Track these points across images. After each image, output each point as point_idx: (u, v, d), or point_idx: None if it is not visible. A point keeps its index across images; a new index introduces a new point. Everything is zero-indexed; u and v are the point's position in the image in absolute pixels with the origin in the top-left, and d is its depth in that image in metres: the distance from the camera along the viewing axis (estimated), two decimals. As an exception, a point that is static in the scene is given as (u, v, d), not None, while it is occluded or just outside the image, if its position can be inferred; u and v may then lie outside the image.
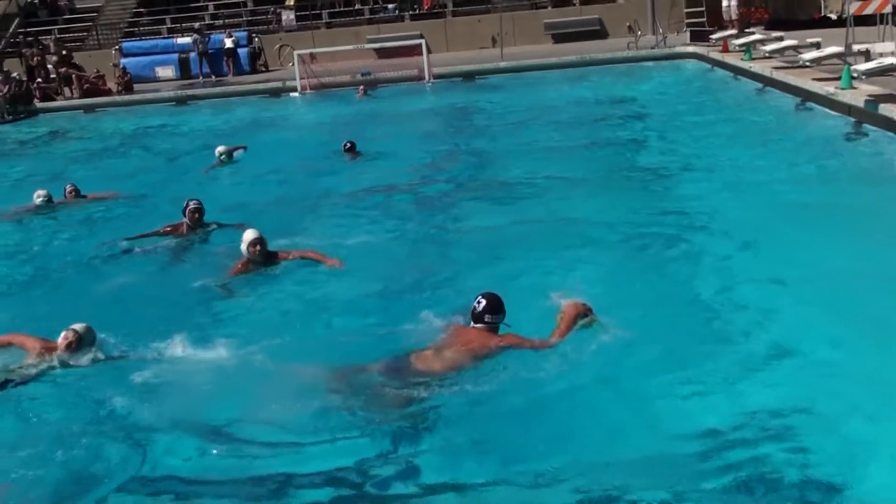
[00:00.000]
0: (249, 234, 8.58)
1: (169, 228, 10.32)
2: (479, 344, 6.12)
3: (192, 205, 10.25)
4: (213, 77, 29.83)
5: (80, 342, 6.74)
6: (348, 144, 14.98)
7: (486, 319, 6.21)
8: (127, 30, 34.35)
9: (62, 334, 6.77)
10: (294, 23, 32.80)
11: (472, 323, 6.26)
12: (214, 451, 5.46)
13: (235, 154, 15.59)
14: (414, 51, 26.07)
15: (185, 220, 10.24)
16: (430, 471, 5.06)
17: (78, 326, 6.84)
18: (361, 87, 24.33)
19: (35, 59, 28.78)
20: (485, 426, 5.49)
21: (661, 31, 26.44)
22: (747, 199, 10.19)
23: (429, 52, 25.92)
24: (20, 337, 7.05)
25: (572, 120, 17.20)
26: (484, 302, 6.23)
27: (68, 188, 13.19)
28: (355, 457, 5.22)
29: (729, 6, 25.60)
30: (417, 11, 32.62)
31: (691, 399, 5.64)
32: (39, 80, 28.16)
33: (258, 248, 8.50)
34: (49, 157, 19.37)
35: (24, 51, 29.86)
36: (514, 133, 16.53)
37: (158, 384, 6.24)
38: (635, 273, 8.02)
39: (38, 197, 12.67)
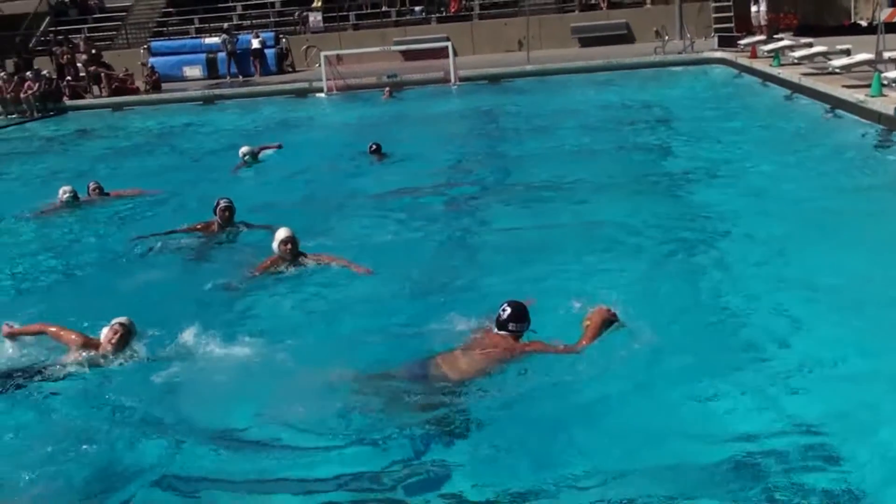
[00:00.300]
0: (282, 233, 8.60)
1: (200, 226, 10.40)
2: (504, 348, 6.11)
3: (222, 203, 10.31)
4: (241, 77, 30.00)
5: (128, 336, 6.67)
6: (374, 146, 15.00)
7: (509, 328, 6.22)
8: (156, 29, 34.63)
9: (109, 328, 6.66)
10: (321, 24, 32.93)
11: (495, 329, 6.27)
12: (237, 451, 5.47)
13: (265, 153, 15.65)
14: (440, 53, 26.08)
15: (216, 218, 10.30)
16: (455, 476, 5.04)
17: (123, 320, 6.74)
18: (387, 88, 24.38)
19: (65, 57, 29.06)
20: (510, 431, 5.46)
21: (688, 35, 26.28)
22: (775, 206, 10.10)
23: (455, 54, 25.91)
24: (54, 327, 6.87)
25: (598, 124, 17.14)
26: (509, 310, 6.24)
27: (92, 186, 13.29)
28: (378, 460, 5.22)
29: (758, 12, 25.43)
30: (444, 14, 32.65)
31: (720, 406, 5.60)
32: (69, 78, 28.41)
33: (289, 246, 8.51)
34: (76, 154, 19.54)
35: (54, 49, 30.16)
36: (539, 136, 16.49)
37: (184, 381, 6.28)
38: (662, 278, 7.98)
39: (65, 193, 12.75)
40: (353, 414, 5.67)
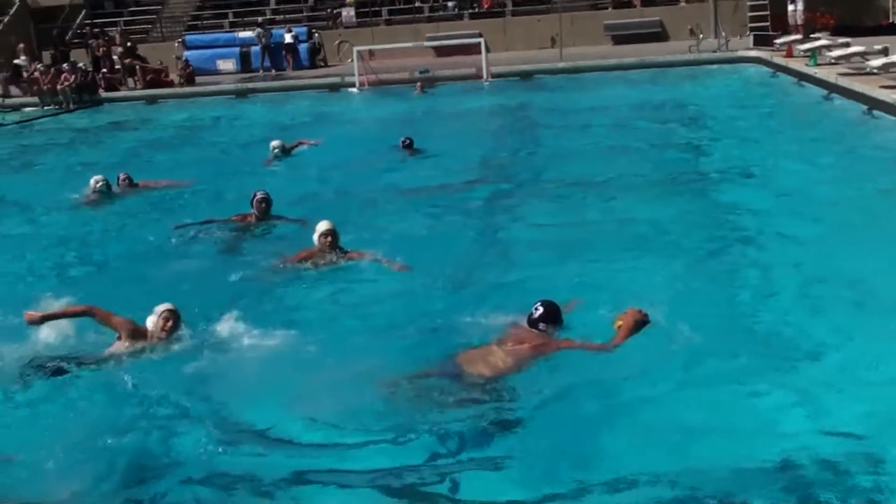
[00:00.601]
0: (323, 225, 8.59)
1: (237, 217, 10.47)
2: (535, 345, 6.11)
3: (259, 195, 10.38)
4: (273, 71, 30.14)
5: (178, 323, 6.68)
6: (406, 140, 15.01)
7: (540, 327, 6.24)
8: (190, 23, 34.87)
9: (158, 316, 6.63)
10: (354, 19, 33.00)
11: (527, 326, 6.28)
12: (269, 444, 5.47)
13: (300, 148, 15.68)
14: (472, 49, 26.05)
15: (253, 210, 10.35)
16: (488, 473, 5.02)
17: (171, 307, 6.72)
18: (418, 83, 24.39)
19: (101, 49, 29.34)
20: (544, 428, 5.43)
21: (723, 34, 26.06)
22: (811, 207, 10.00)
23: (487, 51, 25.86)
24: (103, 311, 6.73)
25: (631, 122, 17.05)
26: (541, 310, 6.26)
27: (122, 176, 13.40)
28: (410, 456, 5.21)
29: (795, 11, 25.14)
30: (477, 10, 32.61)
31: (758, 408, 5.54)
32: (104, 70, 28.68)
33: (329, 239, 8.50)
34: (110, 145, 19.71)
35: (90, 42, 30.45)
36: (571, 134, 16.43)
37: (219, 372, 6.33)
38: (696, 277, 7.92)
39: (97, 183, 12.84)
40: (384, 409, 5.66)
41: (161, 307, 6.73)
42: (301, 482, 5.05)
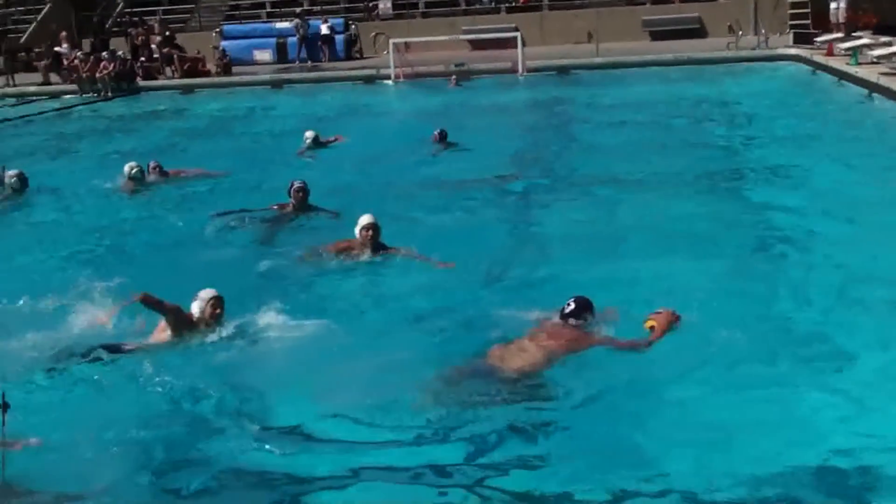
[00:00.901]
0: (365, 218, 8.52)
1: (276, 207, 10.54)
2: (569, 339, 6.08)
3: (296, 184, 10.43)
4: (309, 62, 30.22)
5: (224, 309, 6.70)
6: (440, 133, 14.97)
7: (570, 322, 6.21)
8: (228, 13, 35.07)
9: (206, 303, 6.62)
10: (390, 11, 33.00)
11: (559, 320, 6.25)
12: (299, 437, 5.49)
13: (330, 144, 15.70)
14: (508, 43, 25.96)
15: (291, 199, 10.40)
16: (519, 469, 4.99)
17: (216, 293, 6.71)
18: (453, 76, 24.33)
19: (140, 38, 29.58)
20: (578, 426, 5.40)
21: (763, 31, 25.75)
22: (851, 209, 9.84)
23: (523, 45, 25.75)
24: (153, 298, 6.68)
25: (668, 119, 16.91)
26: (573, 305, 6.27)
27: (152, 165, 13.47)
28: (443, 452, 5.21)
29: (837, 9, 24.76)
30: (514, 4, 32.48)
31: (797, 410, 5.49)
32: (143, 59, 28.91)
33: (370, 233, 8.43)
34: (146, 133, 19.85)
35: (129, 30, 30.70)
36: (607, 130, 16.34)
37: (249, 361, 6.37)
38: (730, 277, 7.85)
39: (131, 169, 12.93)
40: (416, 404, 5.64)
41: (207, 293, 6.72)
42: (332, 476, 5.04)
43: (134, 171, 12.93)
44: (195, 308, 6.71)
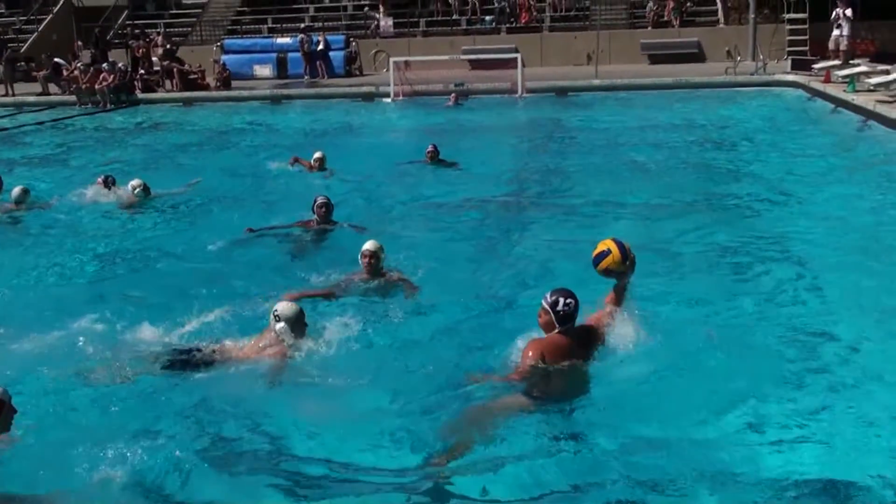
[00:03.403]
0: (365, 245, 8.36)
1: (300, 223, 10.58)
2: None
3: (319, 200, 10.42)
4: (308, 78, 30.30)
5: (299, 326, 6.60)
6: (431, 148, 14.95)
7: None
8: (229, 27, 35.20)
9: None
10: (391, 29, 33.14)
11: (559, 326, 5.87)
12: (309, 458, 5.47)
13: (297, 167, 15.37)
14: (508, 64, 26.04)
15: (315, 215, 10.40)
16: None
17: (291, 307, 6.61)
18: (452, 95, 24.39)
19: (140, 51, 29.65)
20: (603, 451, 5.36)
21: (761, 57, 25.88)
22: (846, 235, 9.86)
23: (523, 66, 25.83)
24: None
25: (665, 142, 16.95)
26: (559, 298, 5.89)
27: (101, 178, 13.31)
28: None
29: (840, 36, 24.85)
30: (514, 24, 32.62)
31: (783, 438, 5.47)
32: (142, 71, 28.96)
33: (368, 260, 8.28)
34: (144, 146, 19.87)
35: (130, 42, 30.78)
36: (602, 152, 16.36)
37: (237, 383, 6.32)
38: (727, 299, 7.83)
39: (135, 189, 12.82)
40: (412, 428, 5.62)
41: (281, 304, 6.63)
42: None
43: (137, 190, 12.86)
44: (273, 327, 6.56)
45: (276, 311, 6.54)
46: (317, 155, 14.91)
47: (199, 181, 14.09)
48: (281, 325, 6.45)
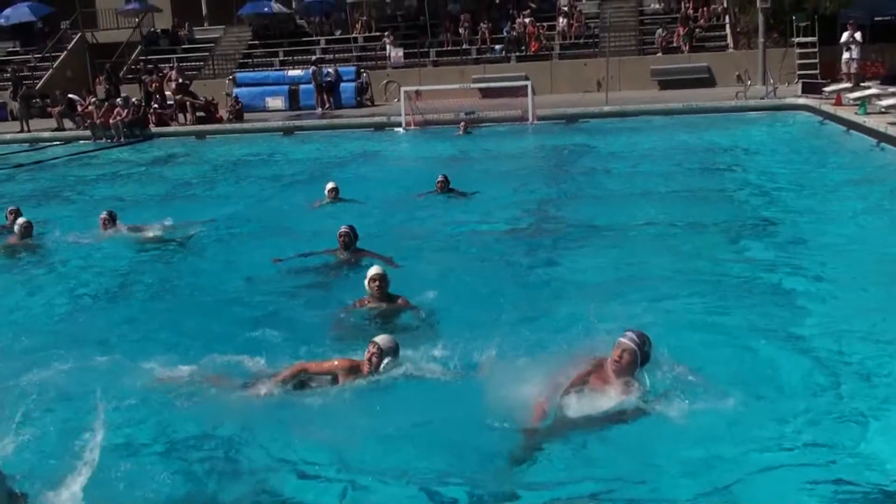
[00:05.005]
0: (370, 270, 8.57)
1: (326, 252, 10.66)
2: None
3: (342, 229, 10.46)
4: (320, 109, 30.49)
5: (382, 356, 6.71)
6: (441, 179, 14.94)
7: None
8: (241, 61, 35.52)
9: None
10: (402, 60, 33.37)
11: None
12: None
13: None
14: (518, 92, 26.16)
15: (339, 244, 10.45)
16: None
17: (378, 339, 6.75)
18: (462, 124, 24.48)
19: (153, 85, 29.93)
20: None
21: (771, 81, 25.91)
22: (860, 258, 9.80)
23: (533, 93, 25.93)
24: (313, 365, 6.82)
25: (675, 167, 16.94)
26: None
27: (104, 215, 12.91)
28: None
29: (850, 59, 24.83)
30: (524, 53, 32.79)
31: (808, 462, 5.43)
32: (156, 105, 29.23)
33: (377, 283, 8.42)
34: (156, 179, 20.00)
35: (143, 77, 31.10)
36: (614, 178, 16.37)
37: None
38: (737, 325, 7.79)
39: (165, 225, 13.01)
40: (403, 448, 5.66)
41: (380, 341, 6.74)
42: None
43: (163, 228, 12.89)
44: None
45: (377, 343, 6.69)
46: (329, 186, 14.92)
47: (212, 220, 14.15)
48: (388, 358, 6.64)
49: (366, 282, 8.49)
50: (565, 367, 6.23)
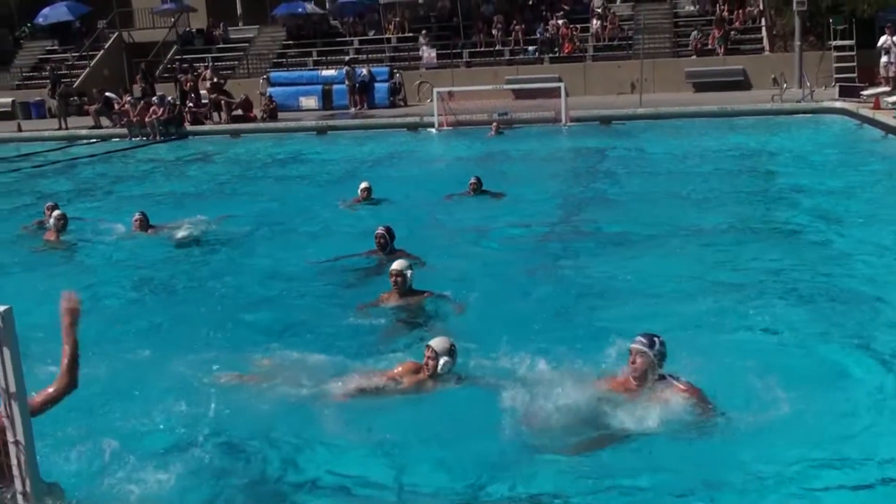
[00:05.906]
0: (393, 265, 8.70)
1: (365, 253, 10.71)
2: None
3: (379, 230, 10.47)
4: (355, 110, 30.57)
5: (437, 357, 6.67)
6: (474, 181, 14.93)
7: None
8: (275, 60, 35.71)
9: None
10: (435, 60, 33.39)
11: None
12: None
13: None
14: (552, 93, 26.07)
15: (376, 245, 10.49)
16: None
17: (435, 341, 6.71)
18: (494, 125, 24.42)
19: (188, 84, 30.19)
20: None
21: (808, 84, 25.62)
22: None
23: (566, 95, 25.83)
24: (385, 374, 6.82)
25: (709, 170, 16.80)
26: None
27: (137, 216, 13.07)
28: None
29: (889, 62, 24.51)
30: (557, 54, 32.68)
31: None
32: (191, 104, 29.47)
33: (396, 279, 8.53)
34: (192, 177, 20.20)
35: (179, 76, 31.38)
36: (647, 180, 16.27)
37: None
38: (782, 329, 7.73)
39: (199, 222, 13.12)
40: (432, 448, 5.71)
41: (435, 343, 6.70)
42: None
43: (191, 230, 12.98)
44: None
45: (432, 347, 6.63)
46: (363, 185, 14.96)
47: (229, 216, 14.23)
48: (445, 359, 6.56)
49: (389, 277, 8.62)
50: (593, 379, 6.24)
